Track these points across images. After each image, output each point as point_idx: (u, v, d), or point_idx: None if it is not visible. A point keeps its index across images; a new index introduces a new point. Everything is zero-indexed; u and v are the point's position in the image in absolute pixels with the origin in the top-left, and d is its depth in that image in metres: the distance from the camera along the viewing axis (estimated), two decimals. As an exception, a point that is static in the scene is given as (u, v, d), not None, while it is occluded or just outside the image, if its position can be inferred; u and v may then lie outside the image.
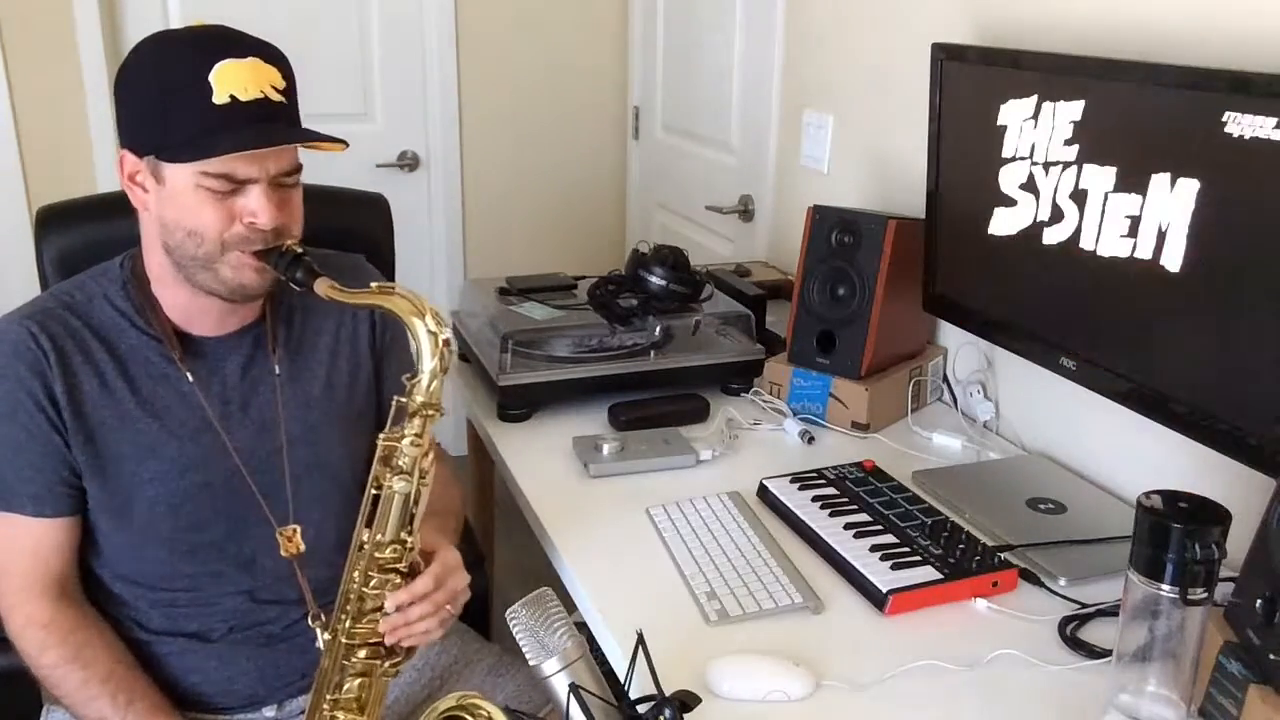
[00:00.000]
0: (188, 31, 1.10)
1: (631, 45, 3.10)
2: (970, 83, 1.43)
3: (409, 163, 3.02)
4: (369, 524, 1.11)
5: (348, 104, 2.87)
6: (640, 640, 0.93)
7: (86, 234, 1.39)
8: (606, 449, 1.49)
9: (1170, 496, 0.94)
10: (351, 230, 1.43)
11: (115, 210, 1.41)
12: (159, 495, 1.17)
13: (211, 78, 1.05)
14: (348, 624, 1.13)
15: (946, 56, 1.48)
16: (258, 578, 1.23)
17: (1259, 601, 0.93)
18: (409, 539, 1.11)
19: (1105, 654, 1.08)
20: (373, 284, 1.09)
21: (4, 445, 1.13)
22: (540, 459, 1.54)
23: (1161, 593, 0.92)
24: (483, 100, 3.05)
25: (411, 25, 2.92)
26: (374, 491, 1.11)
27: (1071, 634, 1.14)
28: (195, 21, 1.14)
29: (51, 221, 1.40)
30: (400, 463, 1.09)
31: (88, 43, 2.58)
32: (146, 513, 1.17)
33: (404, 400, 1.09)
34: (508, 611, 0.96)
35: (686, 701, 0.88)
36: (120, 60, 1.10)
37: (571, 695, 0.89)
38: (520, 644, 0.94)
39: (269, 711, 1.27)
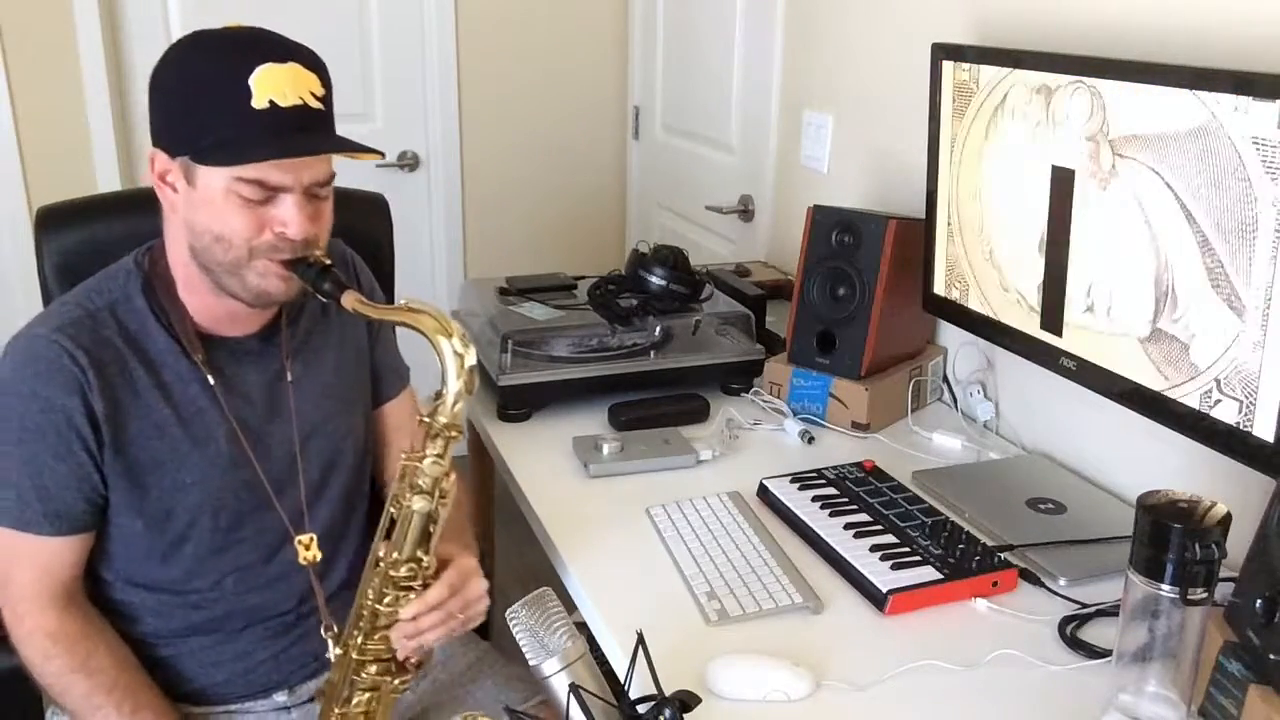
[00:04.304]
0: (226, 32, 1.09)
1: (631, 45, 3.10)
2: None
3: (409, 163, 3.02)
4: (386, 540, 1.12)
5: (348, 104, 2.84)
6: (640, 640, 0.93)
7: (86, 234, 1.39)
8: (606, 449, 1.49)
9: (1170, 496, 0.94)
10: (351, 230, 1.42)
11: (115, 210, 1.42)
12: (201, 499, 1.17)
13: (251, 81, 1.03)
14: (359, 640, 1.14)
15: (946, 56, 1.48)
16: (278, 571, 1.24)
17: (1259, 601, 0.93)
18: (425, 558, 1.11)
19: (1105, 654, 1.09)
20: (401, 300, 1.09)
21: (28, 464, 1.11)
22: (540, 459, 1.54)
23: (1161, 593, 0.92)
24: (483, 101, 3.05)
25: (411, 25, 2.92)
26: (392, 510, 1.11)
27: (1071, 634, 1.14)
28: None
29: (51, 221, 1.40)
30: (420, 482, 1.09)
31: (88, 44, 2.58)
32: (189, 517, 1.17)
33: (427, 420, 1.08)
34: (508, 611, 0.96)
35: (686, 701, 0.88)
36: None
37: (571, 695, 0.89)
38: (520, 644, 0.94)
39: (281, 697, 1.28)
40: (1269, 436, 1.06)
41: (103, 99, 2.62)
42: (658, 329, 1.72)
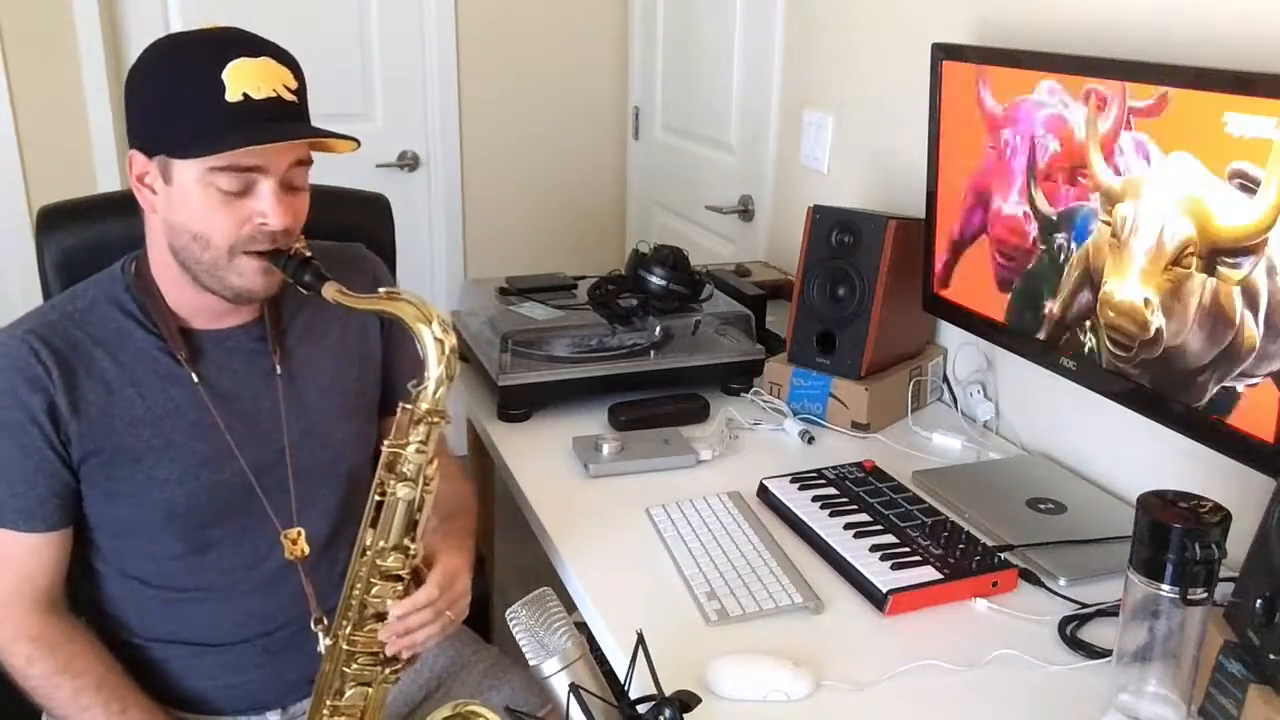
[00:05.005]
0: (200, 32, 1.10)
1: (631, 45, 3.10)
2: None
3: (409, 163, 3.02)
4: (372, 528, 1.11)
5: (348, 104, 2.86)
6: (640, 640, 0.93)
7: (86, 234, 1.39)
8: (606, 449, 1.49)
9: (1170, 496, 0.94)
10: (352, 230, 1.42)
11: (115, 210, 1.42)
12: (174, 496, 1.16)
13: (225, 75, 1.04)
14: (348, 630, 1.13)
15: (946, 56, 1.48)
16: (267, 575, 1.23)
17: (1259, 601, 0.93)
18: (412, 546, 1.11)
19: (1105, 654, 1.09)
20: (381, 289, 1.10)
21: None
22: (540, 459, 1.54)
23: (1161, 593, 0.92)
24: (483, 100, 3.05)
25: (411, 25, 2.92)
26: (378, 497, 1.11)
27: (1071, 634, 1.14)
28: (196, 21, 1.14)
29: (51, 221, 1.40)
30: (405, 469, 1.09)
31: (88, 43, 2.58)
32: (163, 514, 1.17)
33: (409, 407, 1.08)
34: (508, 611, 0.96)
35: (686, 701, 0.88)
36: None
37: (571, 695, 0.89)
38: (520, 644, 0.94)
39: (273, 716, 1.27)
40: (1269, 436, 1.06)
41: (103, 99, 2.62)
42: (658, 329, 1.72)
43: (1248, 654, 0.94)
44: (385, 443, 1.10)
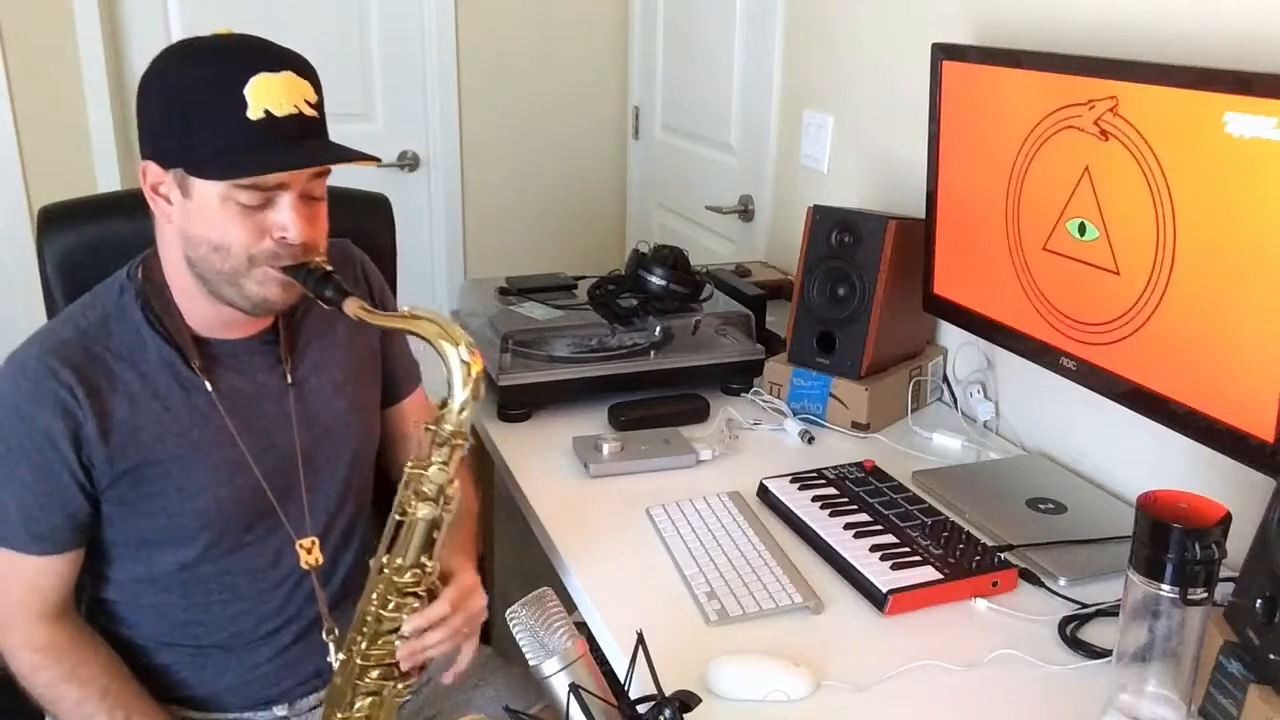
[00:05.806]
0: (217, 40, 1.08)
1: (631, 45, 3.10)
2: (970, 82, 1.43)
3: (409, 163, 3.02)
4: (390, 547, 1.11)
5: (348, 104, 2.86)
6: (640, 640, 0.93)
7: (86, 234, 1.39)
8: (606, 449, 1.49)
9: (1170, 496, 0.94)
10: (354, 230, 1.42)
11: (115, 210, 1.41)
12: (204, 505, 1.16)
13: (246, 92, 1.02)
14: (363, 645, 1.13)
15: (946, 56, 1.48)
16: (281, 580, 1.23)
17: (1259, 601, 0.93)
18: (429, 564, 1.10)
19: (1105, 654, 1.09)
20: (404, 308, 1.08)
21: (11, 482, 1.11)
22: (540, 459, 1.54)
23: (1161, 593, 0.92)
24: (483, 100, 3.05)
25: (411, 25, 2.92)
26: (398, 517, 1.10)
27: (1071, 634, 1.14)
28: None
29: (52, 222, 1.40)
30: (425, 489, 1.08)
31: (88, 44, 2.57)
32: (194, 523, 1.16)
33: (433, 428, 1.07)
34: (508, 611, 0.96)
35: (686, 701, 0.88)
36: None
37: (571, 695, 0.89)
38: (520, 644, 0.94)
39: (280, 710, 1.27)
40: (1269, 436, 1.06)
41: (103, 99, 2.62)
42: (658, 329, 1.72)
43: (1248, 654, 0.94)
44: (408, 465, 1.09)
